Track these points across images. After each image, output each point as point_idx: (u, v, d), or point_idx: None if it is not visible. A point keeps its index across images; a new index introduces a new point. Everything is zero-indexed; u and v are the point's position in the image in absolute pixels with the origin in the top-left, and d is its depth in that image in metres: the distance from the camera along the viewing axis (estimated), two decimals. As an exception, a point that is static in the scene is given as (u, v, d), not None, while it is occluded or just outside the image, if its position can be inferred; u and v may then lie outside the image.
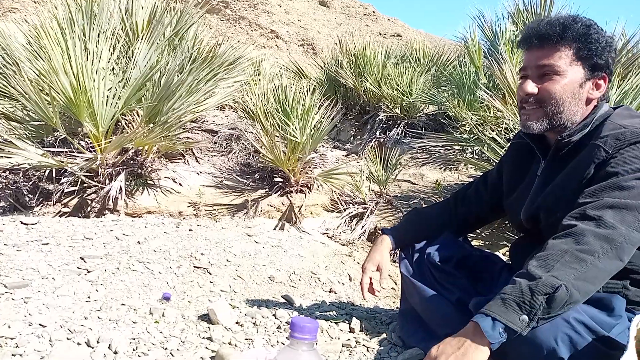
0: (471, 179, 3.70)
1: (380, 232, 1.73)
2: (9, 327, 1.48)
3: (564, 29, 1.25)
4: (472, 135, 4.08)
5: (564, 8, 4.95)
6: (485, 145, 3.48)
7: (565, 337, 1.05)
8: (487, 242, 2.85)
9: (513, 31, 4.71)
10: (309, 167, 4.08)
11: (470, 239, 1.99)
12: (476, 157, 4.10)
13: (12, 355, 1.35)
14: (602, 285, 1.09)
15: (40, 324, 1.53)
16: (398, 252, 1.71)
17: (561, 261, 1.05)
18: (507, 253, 2.47)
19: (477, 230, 2.66)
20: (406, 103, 5.44)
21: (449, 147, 4.50)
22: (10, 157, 3.11)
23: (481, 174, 1.79)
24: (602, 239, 1.06)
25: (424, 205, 3.63)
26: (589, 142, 1.24)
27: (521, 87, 1.32)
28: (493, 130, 3.79)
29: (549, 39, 1.26)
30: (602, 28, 1.29)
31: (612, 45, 1.28)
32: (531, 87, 1.28)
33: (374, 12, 16.25)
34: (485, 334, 1.01)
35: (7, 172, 3.37)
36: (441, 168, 4.51)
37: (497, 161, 2.75)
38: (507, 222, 2.66)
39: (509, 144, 1.66)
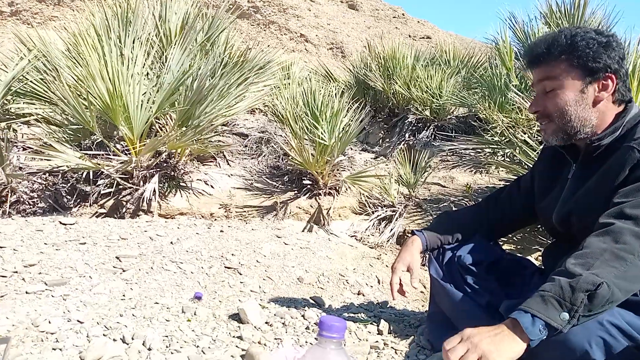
0: (502, 182, 3.65)
1: (410, 233, 1.72)
2: (50, 322, 1.54)
3: (548, 47, 1.31)
4: (504, 138, 4.02)
5: (599, 8, 4.83)
6: (517, 148, 3.42)
7: (599, 340, 1.03)
8: (518, 247, 2.80)
9: (546, 32, 4.61)
10: (338, 169, 4.09)
11: (501, 243, 1.96)
12: (507, 160, 4.03)
13: (53, 349, 1.41)
14: None
15: (78, 320, 1.59)
16: (427, 255, 1.70)
17: (601, 259, 1.04)
18: (539, 257, 2.43)
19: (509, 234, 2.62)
20: (436, 105, 5.39)
21: (479, 150, 4.43)
22: (50, 160, 3.23)
23: (512, 177, 1.78)
24: None
25: (454, 209, 3.59)
26: (621, 145, 1.25)
27: (529, 107, 1.41)
28: (525, 133, 3.72)
29: (538, 58, 1.34)
30: (592, 32, 1.30)
31: (609, 44, 1.28)
32: (534, 105, 1.36)
33: (403, 14, 16.18)
34: (525, 330, 0.99)
35: (47, 174, 3.50)
36: (472, 171, 4.44)
37: (530, 164, 2.70)
38: (539, 226, 2.61)
39: (541, 148, 1.66)
